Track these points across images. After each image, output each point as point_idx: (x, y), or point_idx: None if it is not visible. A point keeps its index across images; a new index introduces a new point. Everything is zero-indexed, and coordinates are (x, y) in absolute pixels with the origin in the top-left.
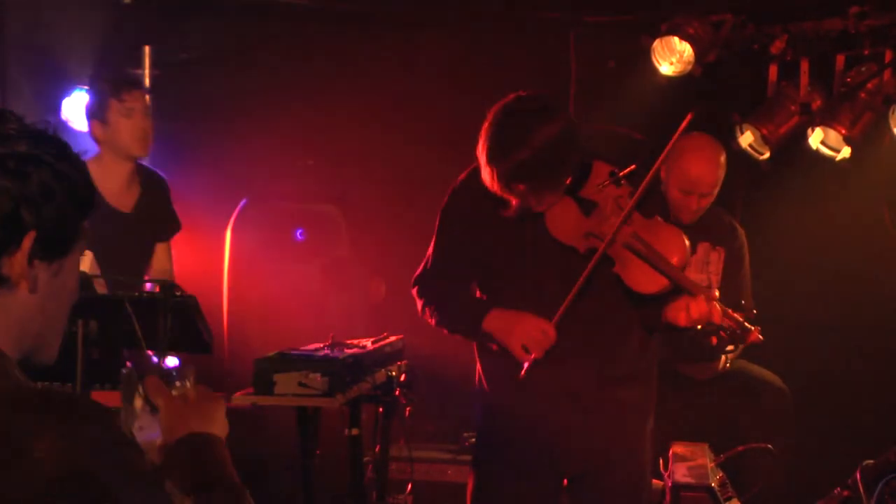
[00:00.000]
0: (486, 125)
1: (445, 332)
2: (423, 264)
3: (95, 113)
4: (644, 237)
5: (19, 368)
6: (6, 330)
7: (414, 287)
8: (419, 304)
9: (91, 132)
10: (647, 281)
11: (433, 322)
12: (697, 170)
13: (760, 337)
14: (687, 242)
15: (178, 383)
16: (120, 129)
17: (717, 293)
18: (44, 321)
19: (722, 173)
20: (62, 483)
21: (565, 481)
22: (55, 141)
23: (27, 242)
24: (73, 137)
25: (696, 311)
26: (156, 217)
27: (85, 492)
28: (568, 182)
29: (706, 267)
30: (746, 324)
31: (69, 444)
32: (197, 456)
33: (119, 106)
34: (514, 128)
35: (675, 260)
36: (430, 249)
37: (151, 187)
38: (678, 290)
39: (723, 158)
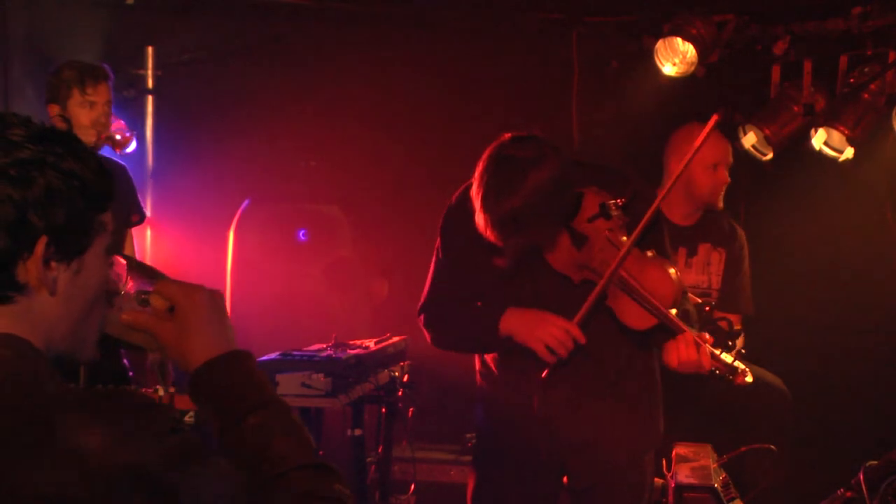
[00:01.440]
0: (480, 169)
1: (462, 353)
2: (426, 291)
3: (55, 97)
4: (634, 275)
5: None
6: (33, 334)
7: (420, 316)
8: (429, 334)
9: (48, 111)
10: (636, 317)
11: (446, 344)
12: (716, 141)
13: (748, 380)
14: (676, 281)
15: (143, 296)
16: (79, 120)
17: (707, 336)
18: (71, 321)
19: None
20: (114, 479)
21: (565, 479)
22: (62, 139)
23: (40, 247)
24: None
25: (687, 356)
26: (118, 206)
27: (138, 485)
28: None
29: (707, 268)
30: (736, 364)
31: (117, 439)
32: (221, 389)
33: (81, 98)
34: (506, 175)
35: (662, 302)
36: (431, 273)
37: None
38: (668, 330)
39: None
